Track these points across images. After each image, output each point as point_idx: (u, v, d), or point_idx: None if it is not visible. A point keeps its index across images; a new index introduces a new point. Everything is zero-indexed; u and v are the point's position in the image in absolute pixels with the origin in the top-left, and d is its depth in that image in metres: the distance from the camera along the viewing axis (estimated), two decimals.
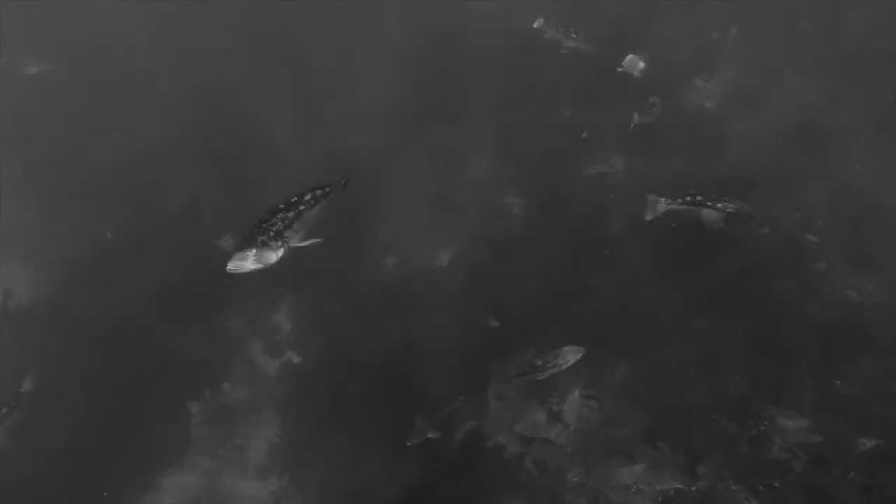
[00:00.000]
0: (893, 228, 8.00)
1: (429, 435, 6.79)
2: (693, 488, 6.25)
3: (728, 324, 7.46)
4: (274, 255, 4.64)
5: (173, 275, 9.11)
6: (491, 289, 8.48)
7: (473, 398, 7.49)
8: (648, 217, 6.93)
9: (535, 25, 9.19)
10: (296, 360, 8.95)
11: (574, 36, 9.21)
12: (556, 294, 8.20)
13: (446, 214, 9.94)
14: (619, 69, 8.63)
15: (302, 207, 5.05)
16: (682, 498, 6.28)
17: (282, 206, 4.97)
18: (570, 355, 6.45)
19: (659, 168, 9.19)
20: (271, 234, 4.66)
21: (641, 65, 8.48)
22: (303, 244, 5.00)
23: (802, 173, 8.64)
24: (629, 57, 8.50)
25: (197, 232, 9.82)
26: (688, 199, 6.89)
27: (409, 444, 6.78)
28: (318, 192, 5.27)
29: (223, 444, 8.36)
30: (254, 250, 4.50)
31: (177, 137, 11.26)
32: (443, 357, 7.84)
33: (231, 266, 4.50)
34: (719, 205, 6.82)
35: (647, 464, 6.48)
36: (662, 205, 6.86)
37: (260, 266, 4.59)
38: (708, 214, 6.84)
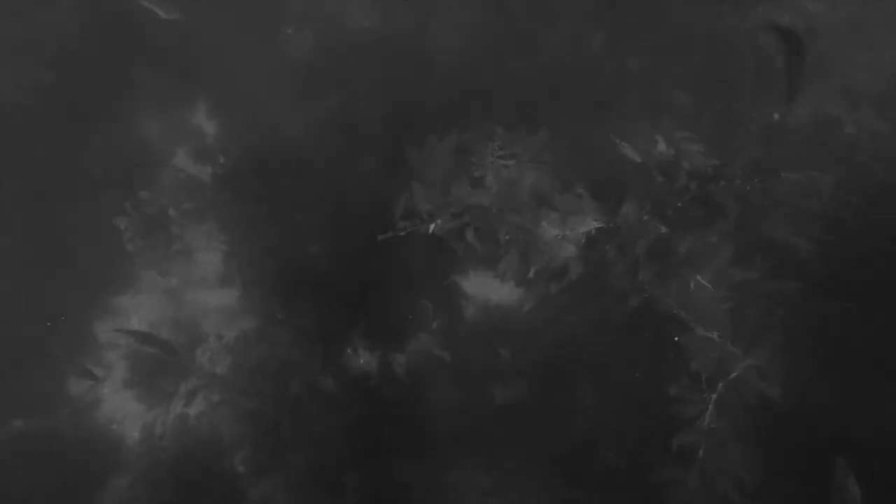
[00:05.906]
0: None
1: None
2: (611, 225, 6.65)
3: (660, 62, 7.34)
4: None
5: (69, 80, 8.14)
6: (418, 52, 7.86)
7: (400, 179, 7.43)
8: None
9: None
10: (222, 160, 8.47)
11: None
12: (489, 51, 7.71)
13: None
14: None
15: None
16: (603, 235, 6.72)
17: None
18: None
19: None
20: None
21: None
22: None
23: None
24: None
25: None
26: None
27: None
28: None
29: (165, 256, 8.21)
30: None
31: None
32: (372, 131, 7.51)
33: None
34: None
35: (569, 211, 6.79)
36: None
37: None
38: None
